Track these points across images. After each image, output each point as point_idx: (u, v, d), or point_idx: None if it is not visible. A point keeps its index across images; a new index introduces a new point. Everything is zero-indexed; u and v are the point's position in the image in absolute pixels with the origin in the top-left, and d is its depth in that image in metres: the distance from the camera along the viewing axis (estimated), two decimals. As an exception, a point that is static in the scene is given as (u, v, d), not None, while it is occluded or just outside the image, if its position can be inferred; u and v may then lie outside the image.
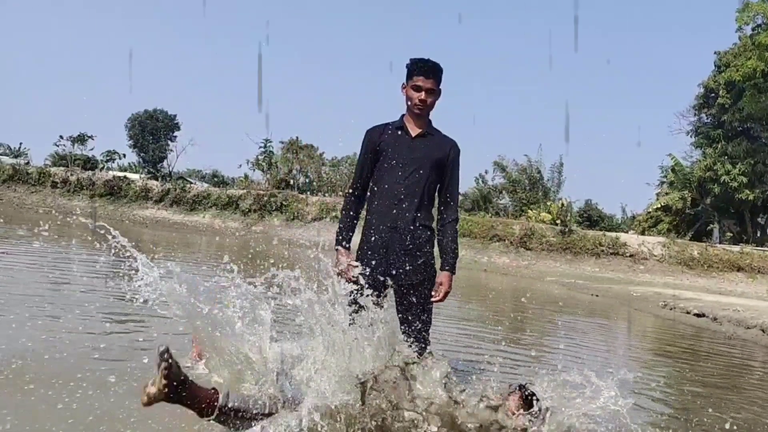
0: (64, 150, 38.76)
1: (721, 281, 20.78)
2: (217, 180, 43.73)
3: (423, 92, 3.02)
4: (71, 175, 29.06)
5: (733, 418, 3.66)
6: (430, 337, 3.10)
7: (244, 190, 27.61)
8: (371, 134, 3.13)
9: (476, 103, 72.01)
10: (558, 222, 24.20)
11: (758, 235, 28.27)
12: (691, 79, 65.36)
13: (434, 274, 3.06)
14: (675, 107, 63.72)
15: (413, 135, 3.08)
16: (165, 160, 44.34)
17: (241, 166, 53.27)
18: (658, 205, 30.01)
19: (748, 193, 25.73)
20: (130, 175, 32.19)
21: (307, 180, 34.04)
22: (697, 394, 4.35)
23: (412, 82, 3.04)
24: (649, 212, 31.08)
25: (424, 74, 3.02)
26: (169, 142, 44.46)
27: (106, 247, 2.49)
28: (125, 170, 40.38)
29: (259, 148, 33.39)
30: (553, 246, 22.77)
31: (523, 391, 2.37)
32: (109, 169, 37.38)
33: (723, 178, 26.02)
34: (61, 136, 38.13)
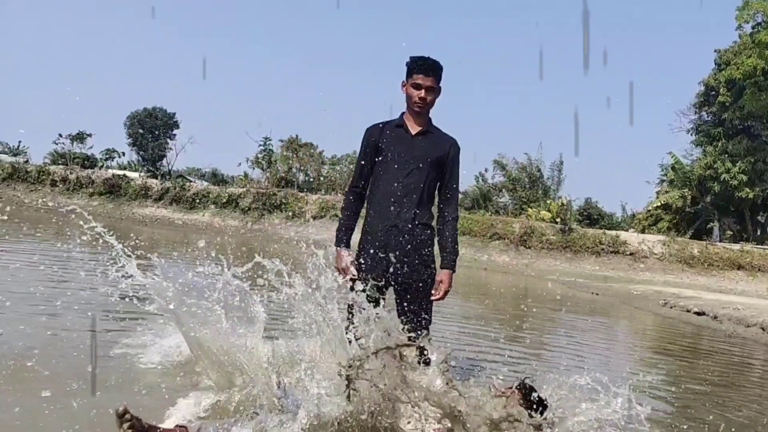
0: (63, 148, 38.81)
1: (721, 279, 20.79)
2: (216, 178, 43.72)
3: (423, 90, 3.02)
4: (70, 174, 29.07)
5: (733, 416, 3.67)
6: (431, 336, 3.09)
7: (244, 189, 27.61)
8: (371, 132, 3.12)
9: (476, 103, 72.05)
10: (558, 220, 24.20)
11: (758, 233, 28.27)
12: (692, 77, 65.46)
13: (434, 273, 3.05)
14: (675, 105, 63.83)
15: (413, 133, 3.07)
16: (164, 159, 44.40)
17: (240, 164, 53.43)
18: (658, 204, 30.04)
19: (749, 191, 25.75)
20: (129, 174, 32.19)
21: (307, 178, 34.05)
22: (697, 392, 4.34)
23: (412, 80, 3.03)
24: (649, 210, 31.10)
25: (424, 72, 3.01)
26: (168, 140, 44.51)
27: (78, 233, 2.45)
28: (124, 168, 40.34)
29: (259, 146, 33.48)
30: (553, 244, 22.77)
31: (524, 388, 2.23)
32: (108, 168, 37.38)
33: (723, 176, 26.03)
34: (60, 135, 38.23)
